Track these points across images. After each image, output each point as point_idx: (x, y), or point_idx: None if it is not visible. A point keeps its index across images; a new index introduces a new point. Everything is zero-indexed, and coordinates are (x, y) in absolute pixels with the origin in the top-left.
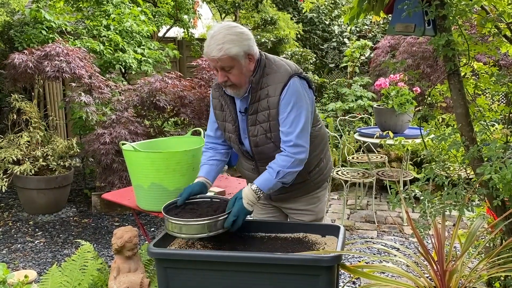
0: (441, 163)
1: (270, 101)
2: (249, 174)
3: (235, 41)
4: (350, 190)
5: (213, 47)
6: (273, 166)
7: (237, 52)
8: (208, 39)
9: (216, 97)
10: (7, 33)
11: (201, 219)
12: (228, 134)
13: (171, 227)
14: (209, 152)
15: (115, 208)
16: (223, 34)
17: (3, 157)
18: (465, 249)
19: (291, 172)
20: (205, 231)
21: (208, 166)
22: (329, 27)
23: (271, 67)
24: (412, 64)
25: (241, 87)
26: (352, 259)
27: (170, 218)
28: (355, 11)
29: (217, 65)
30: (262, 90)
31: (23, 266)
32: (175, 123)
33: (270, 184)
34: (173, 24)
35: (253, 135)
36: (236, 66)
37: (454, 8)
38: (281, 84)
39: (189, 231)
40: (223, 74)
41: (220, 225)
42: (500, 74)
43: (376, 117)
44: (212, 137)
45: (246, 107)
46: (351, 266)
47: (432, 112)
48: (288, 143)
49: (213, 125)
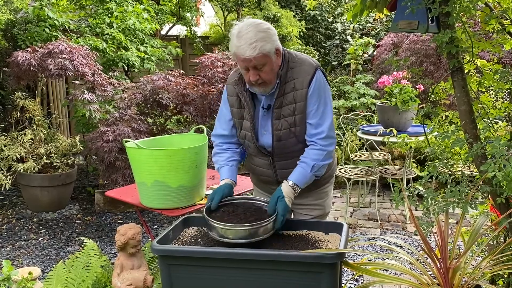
0: (444, 161)
1: (297, 94)
2: (263, 170)
3: (266, 38)
4: (353, 188)
5: (246, 46)
6: (306, 160)
7: (270, 49)
8: (234, 39)
9: (233, 95)
10: (10, 31)
11: (256, 223)
12: (244, 131)
13: (222, 232)
14: (227, 153)
15: (118, 205)
16: (253, 32)
17: (7, 154)
18: (469, 247)
19: (324, 165)
20: (260, 234)
21: (229, 167)
22: (332, 24)
23: (294, 61)
24: (415, 61)
25: (270, 83)
26: (355, 256)
27: (227, 225)
28: (358, 8)
29: (250, 64)
30: (287, 84)
31: (27, 263)
32: (178, 121)
33: (306, 179)
34: (175, 22)
35: (277, 129)
36: (268, 63)
37: (458, 5)
38: (308, 77)
39: (243, 235)
40: (255, 72)
41: (271, 227)
42: (504, 71)
43: (379, 114)
44: (227, 136)
45: (270, 103)
46: (354, 263)
47: (436, 110)
48: (319, 135)
49: (229, 124)
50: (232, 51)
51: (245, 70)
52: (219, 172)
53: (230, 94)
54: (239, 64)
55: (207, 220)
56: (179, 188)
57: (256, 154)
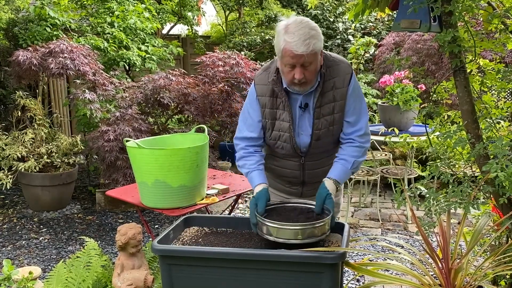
0: (446, 161)
1: (338, 93)
2: (289, 171)
3: (317, 36)
4: (354, 187)
5: (299, 42)
6: (345, 157)
7: (320, 47)
8: (284, 35)
9: (265, 95)
10: (11, 30)
11: (318, 221)
12: (277, 132)
13: (288, 234)
14: (255, 156)
15: (119, 205)
16: (306, 29)
17: (8, 154)
18: (471, 247)
19: (362, 161)
20: (320, 232)
21: (260, 171)
22: (334, 24)
23: (330, 60)
24: (417, 61)
25: (311, 83)
26: (356, 256)
27: (297, 225)
28: (360, 7)
29: (299, 61)
30: (327, 83)
31: (28, 263)
32: (179, 120)
33: (346, 176)
34: (177, 21)
35: (318, 128)
36: (314, 62)
37: (460, 4)
38: (348, 75)
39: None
40: (301, 70)
41: (329, 227)
42: (507, 71)
43: (381, 114)
44: (255, 138)
45: (307, 102)
46: (355, 263)
47: (438, 109)
48: (358, 133)
49: (257, 126)
50: (280, 47)
51: (290, 67)
52: (248, 176)
53: (261, 94)
54: (284, 60)
55: (269, 224)
56: (180, 188)
57: (287, 155)
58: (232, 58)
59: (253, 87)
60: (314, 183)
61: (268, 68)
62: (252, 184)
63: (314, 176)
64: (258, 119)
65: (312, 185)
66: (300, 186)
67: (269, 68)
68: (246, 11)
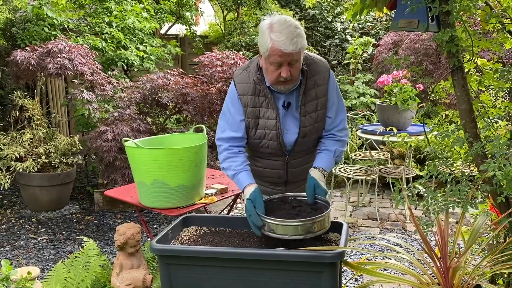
0: (444, 160)
1: (319, 90)
2: (273, 171)
3: (302, 35)
4: (352, 187)
5: (288, 41)
6: (327, 148)
7: (305, 45)
8: (270, 33)
9: (247, 93)
10: (9, 30)
11: (325, 213)
12: (262, 131)
13: (294, 230)
14: (240, 157)
15: (118, 205)
16: (292, 28)
17: (6, 154)
18: (469, 246)
19: (343, 151)
20: (327, 224)
21: (247, 172)
22: (332, 24)
23: (308, 59)
24: (415, 61)
25: (295, 81)
26: (355, 256)
27: (306, 220)
28: (358, 7)
29: (287, 59)
30: (309, 81)
31: (26, 263)
32: (177, 120)
33: (330, 164)
34: (175, 21)
35: (304, 126)
36: (299, 60)
37: (458, 3)
38: (327, 73)
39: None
40: (288, 69)
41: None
42: (504, 70)
43: (379, 114)
44: (239, 138)
45: (290, 101)
46: (354, 262)
47: (436, 109)
48: (337, 127)
49: (240, 125)
50: (267, 46)
51: (277, 66)
52: (235, 178)
53: (242, 93)
54: (272, 59)
55: (276, 222)
56: (178, 188)
57: (271, 155)
58: (231, 58)
59: (234, 87)
60: (297, 182)
61: (248, 68)
62: (240, 185)
63: (297, 175)
64: (241, 118)
65: (295, 183)
66: (284, 186)
67: (249, 67)
68: (244, 11)
